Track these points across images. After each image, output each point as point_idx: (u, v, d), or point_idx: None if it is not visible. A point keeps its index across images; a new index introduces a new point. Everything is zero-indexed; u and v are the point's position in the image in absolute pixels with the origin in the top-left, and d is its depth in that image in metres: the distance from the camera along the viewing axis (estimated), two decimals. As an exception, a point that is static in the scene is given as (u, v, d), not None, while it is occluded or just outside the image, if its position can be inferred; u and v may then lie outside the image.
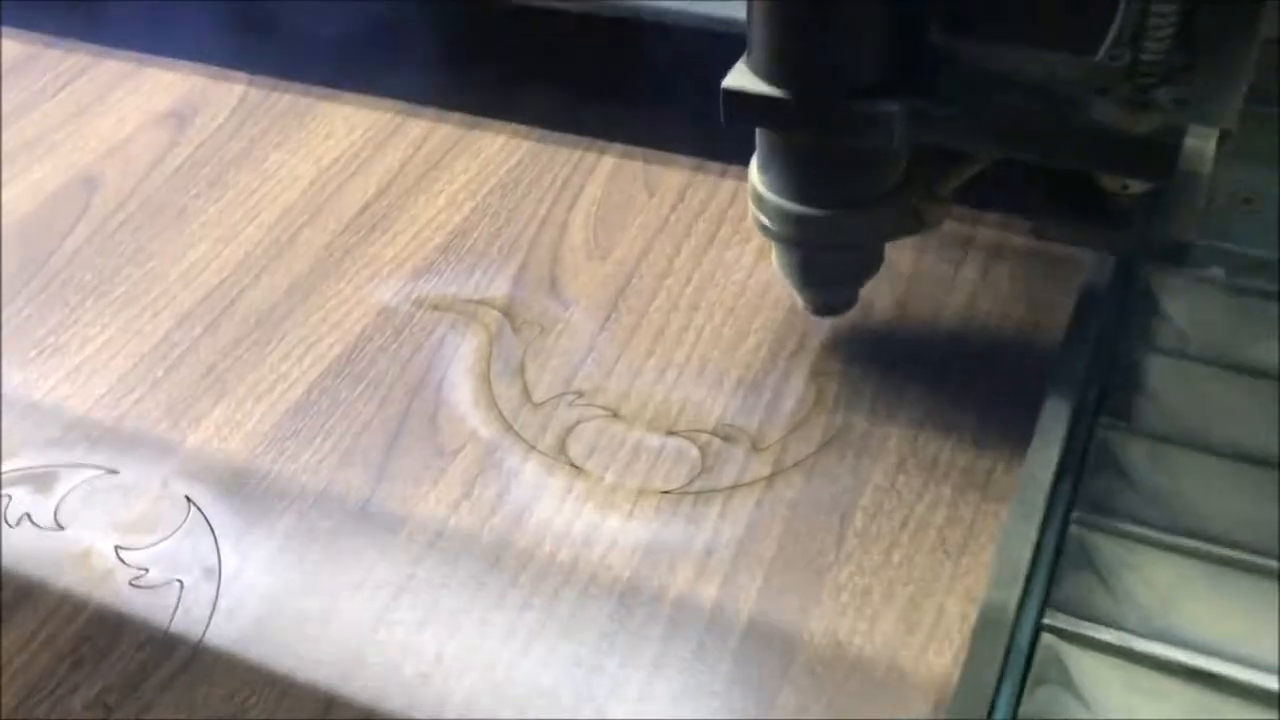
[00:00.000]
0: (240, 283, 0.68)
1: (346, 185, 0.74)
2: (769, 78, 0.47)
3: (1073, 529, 0.47)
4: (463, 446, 0.58)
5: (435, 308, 0.66)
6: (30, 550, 0.56)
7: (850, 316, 0.61)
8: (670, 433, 0.58)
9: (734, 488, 0.55)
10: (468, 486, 0.56)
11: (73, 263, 0.71)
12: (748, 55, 0.47)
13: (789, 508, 0.54)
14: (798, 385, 0.60)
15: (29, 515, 0.57)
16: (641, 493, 0.56)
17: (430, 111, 0.79)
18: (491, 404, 0.60)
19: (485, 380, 0.61)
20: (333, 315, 0.66)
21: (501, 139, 0.77)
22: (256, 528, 0.56)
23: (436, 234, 0.70)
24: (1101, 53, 0.42)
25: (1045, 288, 0.62)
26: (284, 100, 0.82)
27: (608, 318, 0.64)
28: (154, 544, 0.55)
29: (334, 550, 0.54)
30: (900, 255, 0.63)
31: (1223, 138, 0.47)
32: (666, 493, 0.55)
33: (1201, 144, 0.47)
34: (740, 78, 0.47)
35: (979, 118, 0.45)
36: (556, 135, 0.76)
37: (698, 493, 0.55)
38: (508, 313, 0.65)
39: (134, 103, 0.83)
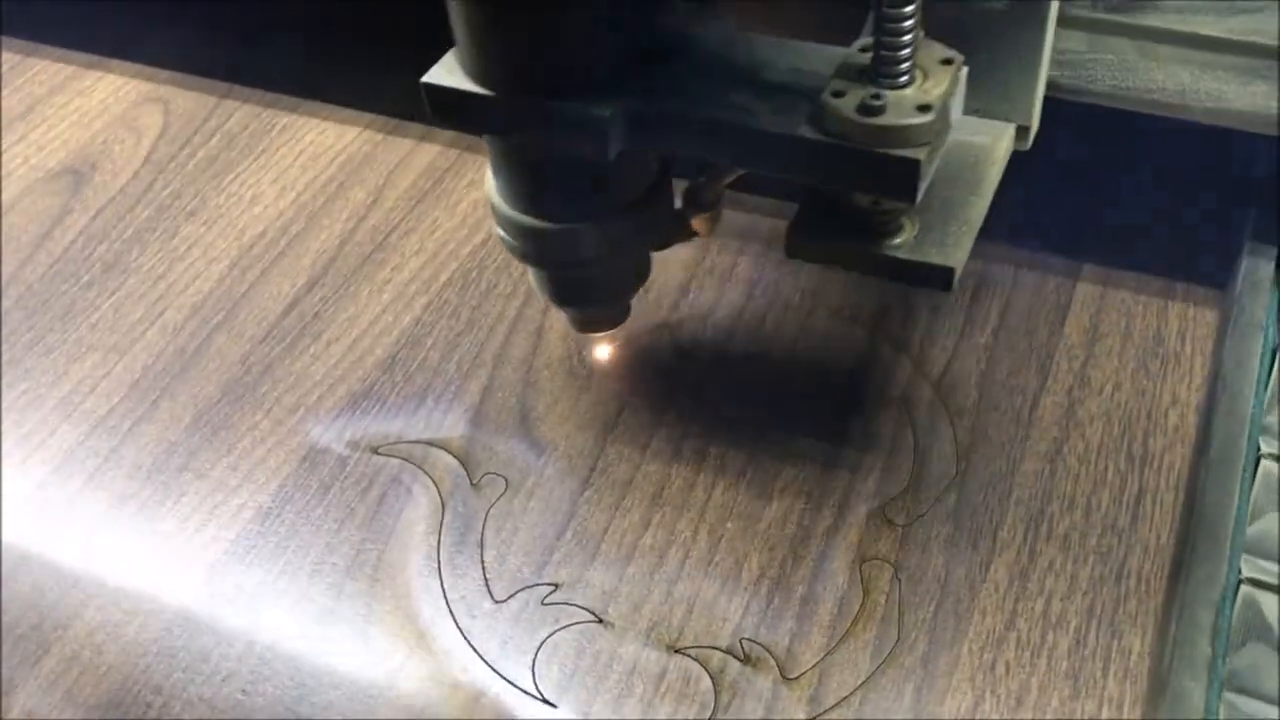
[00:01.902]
0: (134, 413, 0.54)
1: (273, 270, 0.60)
2: (473, 73, 0.39)
3: None
4: (400, 669, 0.45)
5: (374, 451, 0.52)
6: None
7: (911, 468, 0.47)
8: (673, 649, 0.44)
9: (757, 740, 0.42)
10: (407, 733, 0.43)
11: (-71, 381, 0.57)
12: (455, 47, 0.39)
13: (830, 773, 0.41)
14: (839, 576, 0.46)
15: None
16: (635, 745, 0.42)
17: (383, 157, 0.64)
18: (440, 602, 0.46)
19: (433, 563, 0.48)
20: (245, 461, 0.52)
21: (467, 201, 0.62)
22: (131, 790, 0.42)
23: (379, 342, 0.56)
24: (855, 45, 0.37)
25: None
26: (203, 150, 0.67)
27: (592, 469, 0.50)
28: (-3, 813, 0.42)
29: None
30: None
31: (1020, 134, 0.42)
32: (668, 746, 0.42)
33: (989, 142, 0.43)
34: (444, 71, 0.39)
35: (702, 124, 0.38)
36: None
37: (709, 747, 0.42)
38: (465, 459, 0.51)
39: (20, 155, 0.68)
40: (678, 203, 0.46)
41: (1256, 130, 0.45)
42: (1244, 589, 0.42)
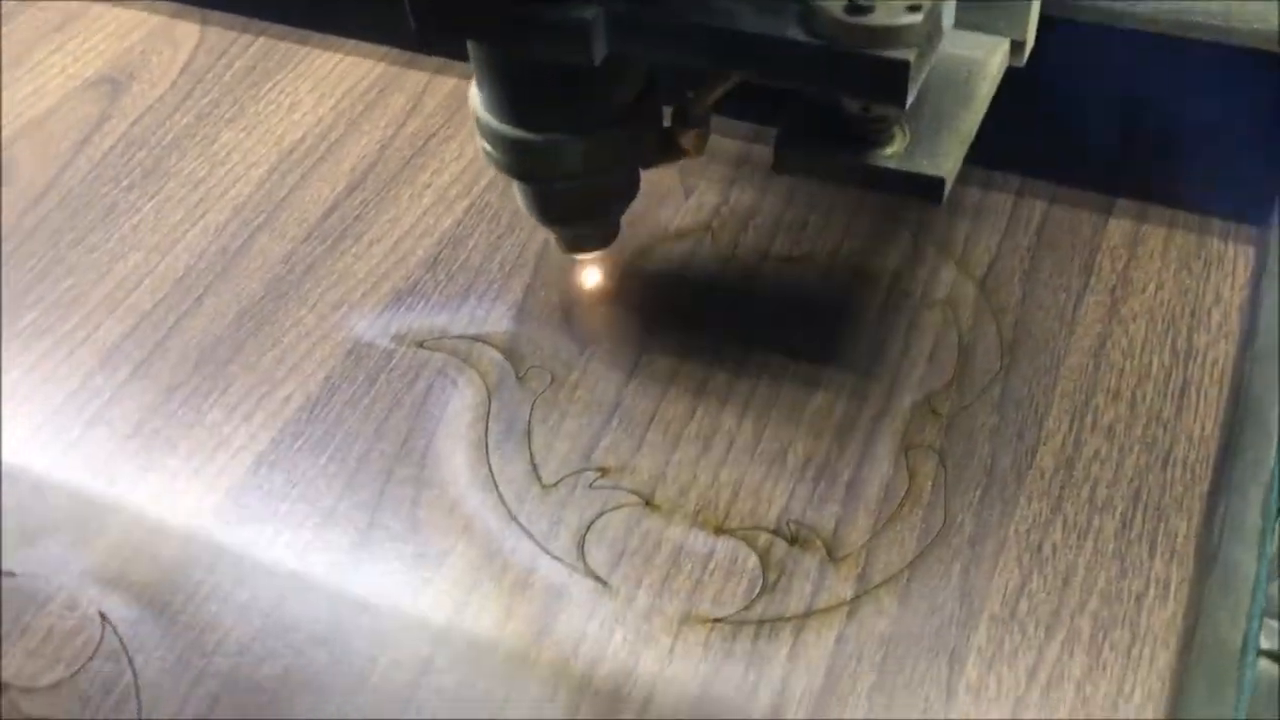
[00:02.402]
0: (178, 308, 0.55)
1: (312, 175, 0.60)
2: None
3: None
4: (451, 549, 0.45)
5: (419, 345, 0.52)
6: (-103, 688, 0.43)
7: (968, 362, 0.47)
8: (720, 530, 0.45)
9: (806, 615, 0.42)
10: (458, 606, 0.44)
11: (-26, 278, 0.57)
12: None
13: (880, 646, 0.41)
14: (884, 463, 0.46)
15: (-102, 636, 0.44)
16: (685, 619, 0.43)
17: (419, 70, 0.64)
18: (489, 486, 0.47)
19: (482, 450, 0.48)
20: (290, 355, 0.52)
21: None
22: (189, 660, 0.43)
23: (421, 243, 0.56)
24: None
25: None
26: (240, 61, 0.67)
27: (637, 362, 0.51)
28: (56, 681, 0.43)
29: (284, 691, 0.42)
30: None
31: (1015, 49, 0.42)
32: (718, 620, 0.42)
33: (982, 56, 0.42)
34: None
35: (688, 28, 0.37)
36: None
37: (759, 621, 0.42)
38: (510, 354, 0.51)
39: (58, 65, 0.68)
40: (666, 123, 0.45)
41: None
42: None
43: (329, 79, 0.65)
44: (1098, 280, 0.51)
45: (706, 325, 0.51)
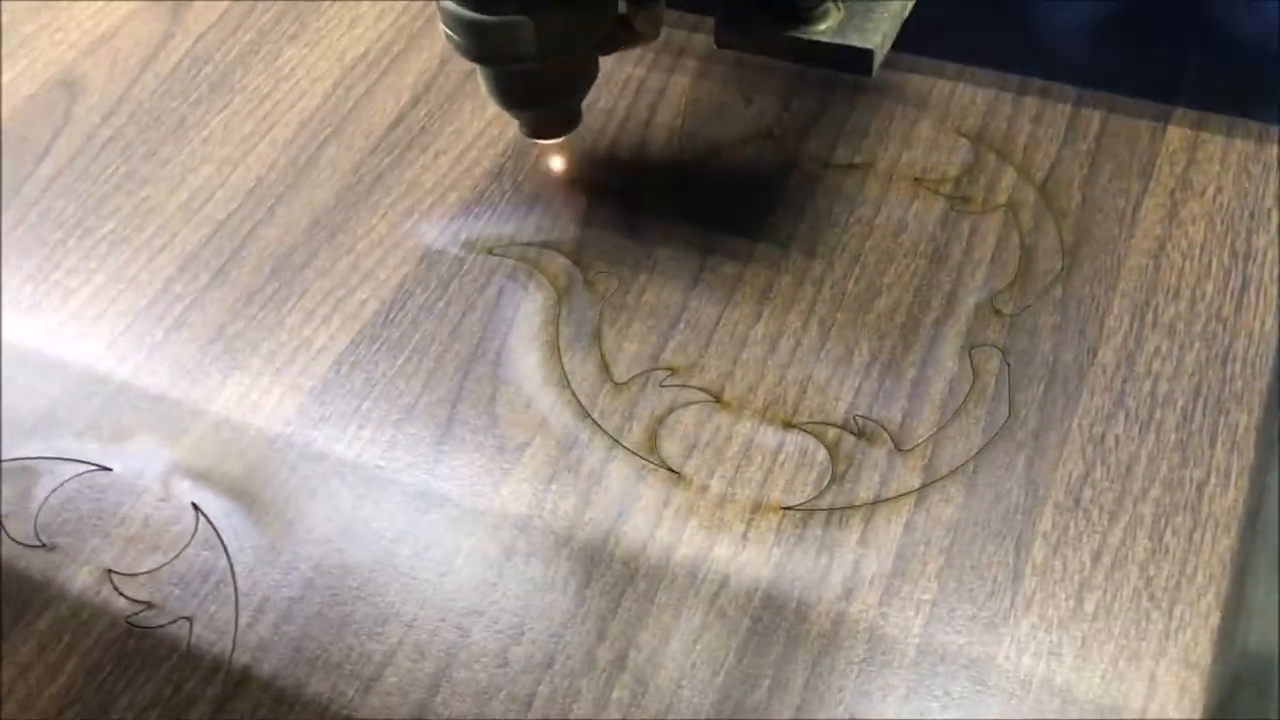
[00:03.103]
0: (252, 217, 0.56)
1: (376, 88, 0.61)
2: None
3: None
4: (529, 441, 0.47)
5: (489, 252, 0.53)
6: (6, 573, 0.45)
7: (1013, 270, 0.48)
8: (789, 425, 0.46)
9: (875, 503, 0.44)
10: (537, 496, 0.45)
11: (50, 190, 0.59)
12: None
13: (948, 532, 0.43)
14: (948, 361, 0.47)
15: (4, 526, 0.46)
16: (757, 507, 0.44)
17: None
18: (563, 383, 0.48)
19: (554, 351, 0.49)
20: (364, 261, 0.54)
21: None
22: (280, 546, 0.45)
23: (487, 153, 0.57)
24: None
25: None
26: (298, -22, 0.68)
27: (702, 267, 0.52)
28: (155, 568, 0.45)
29: (375, 577, 0.43)
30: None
31: None
32: (789, 509, 0.44)
33: None
34: None
35: None
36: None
37: (829, 509, 0.44)
38: (577, 259, 0.53)
39: (120, -17, 0.69)
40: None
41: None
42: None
43: (388, -5, 0.66)
44: (1157, 184, 0.52)
45: (768, 231, 0.52)
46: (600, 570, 0.43)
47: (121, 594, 0.44)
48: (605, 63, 0.51)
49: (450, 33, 0.46)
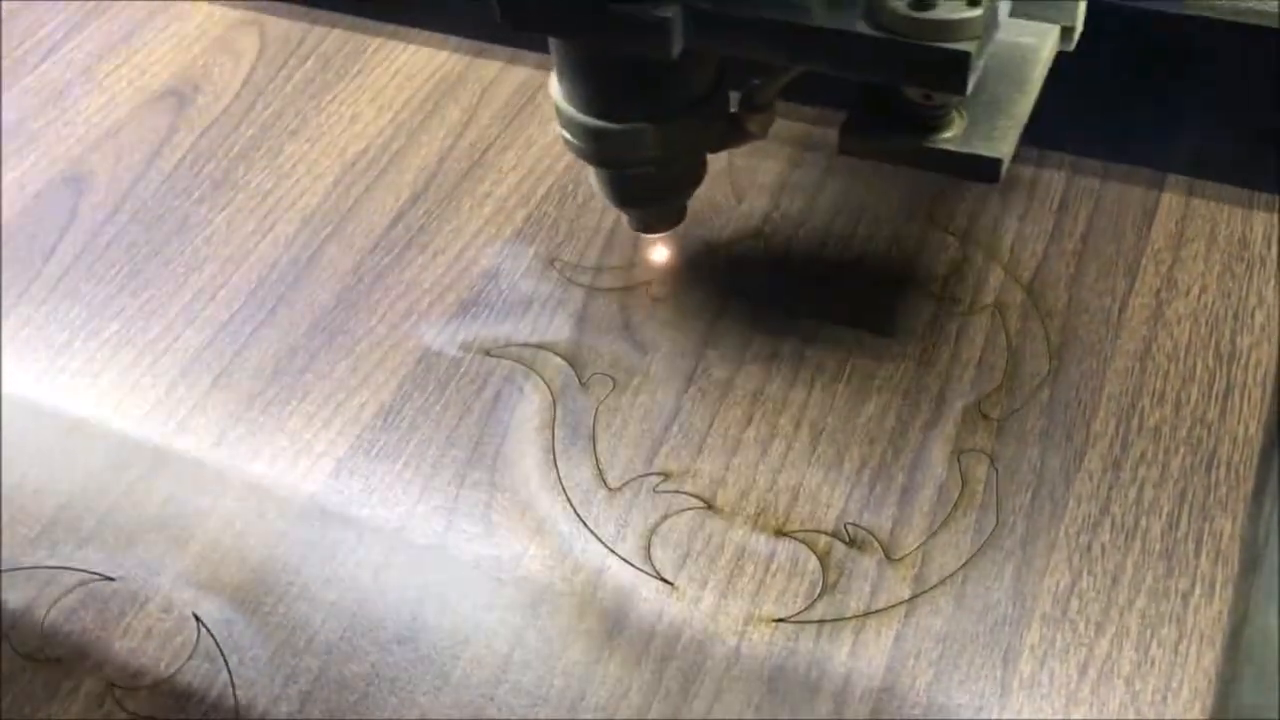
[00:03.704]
0: (254, 318, 0.57)
1: (376, 185, 0.63)
2: None
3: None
4: (524, 551, 0.48)
5: (486, 353, 0.54)
6: (8, 685, 0.46)
7: (992, 367, 0.49)
8: (781, 533, 0.47)
9: (865, 615, 0.44)
10: (531, 608, 0.46)
11: (57, 290, 0.60)
12: None
13: (937, 644, 0.43)
14: (937, 467, 0.48)
15: (8, 637, 0.47)
16: (750, 619, 0.45)
17: (473, 83, 0.66)
18: (558, 490, 0.49)
19: (549, 456, 0.50)
20: (363, 364, 0.55)
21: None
22: (281, 659, 0.45)
23: (483, 253, 0.58)
24: None
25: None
26: (299, 73, 0.69)
27: (695, 369, 0.53)
28: (157, 681, 0.46)
29: (372, 690, 0.44)
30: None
31: (1065, 34, 0.44)
32: (781, 621, 0.45)
33: (1034, 42, 0.44)
34: None
35: (761, 23, 0.40)
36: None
37: (820, 621, 0.44)
38: (573, 361, 0.53)
39: (126, 77, 0.71)
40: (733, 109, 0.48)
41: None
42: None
43: (386, 90, 0.67)
44: (1142, 284, 0.53)
45: (759, 333, 0.53)
46: (594, 685, 0.44)
47: (124, 708, 0.45)
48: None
49: (570, 137, 0.47)
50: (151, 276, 0.60)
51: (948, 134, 0.44)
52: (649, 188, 0.50)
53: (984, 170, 0.44)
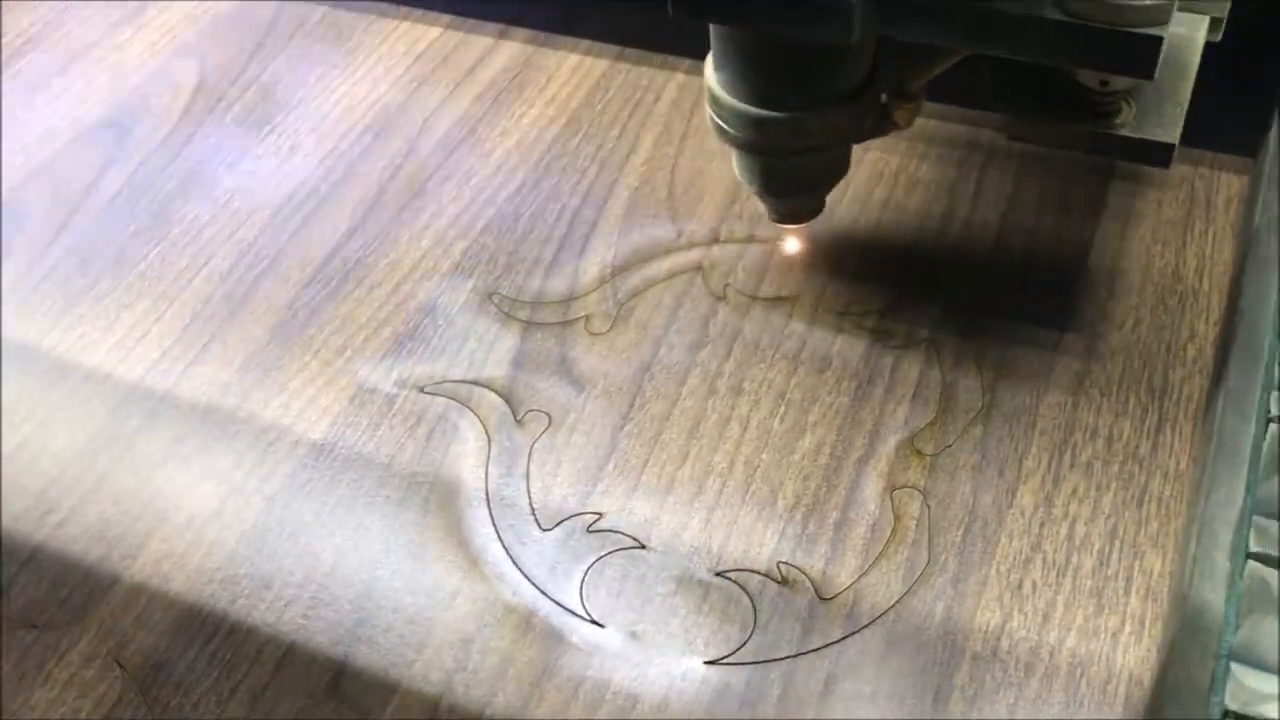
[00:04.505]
0: (185, 356, 0.56)
1: (314, 218, 0.62)
2: None
3: None
4: (457, 592, 0.47)
5: (420, 390, 0.54)
6: (-74, 738, 0.45)
7: (940, 402, 0.49)
8: (714, 573, 0.47)
9: (796, 656, 0.44)
10: (462, 651, 0.45)
11: (-13, 327, 0.59)
12: None
13: (868, 685, 0.43)
14: (870, 503, 0.48)
15: (-74, 687, 0.46)
16: (681, 662, 0.44)
17: (415, 111, 0.66)
18: (490, 529, 0.49)
19: (482, 494, 0.50)
20: (296, 401, 0.54)
21: (501, 149, 0.64)
22: (205, 706, 0.45)
23: (421, 286, 0.58)
24: None
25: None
26: (239, 103, 0.69)
27: (631, 405, 0.52)
28: (77, 730, 0.45)
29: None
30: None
31: (1214, 25, 0.45)
32: (712, 663, 0.44)
33: (1188, 32, 0.45)
34: None
35: (944, 9, 0.40)
36: (571, 145, 0.63)
37: (752, 663, 0.44)
38: (509, 397, 0.53)
39: (63, 108, 0.70)
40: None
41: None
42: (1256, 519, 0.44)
43: (326, 121, 0.67)
44: (1076, 318, 0.53)
45: (696, 368, 0.53)
46: (523, 729, 0.43)
47: (44, 759, 0.44)
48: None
49: (727, 126, 0.47)
50: (85, 312, 0.59)
51: (1119, 119, 0.45)
52: (798, 178, 0.50)
53: (1158, 155, 0.45)
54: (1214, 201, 0.57)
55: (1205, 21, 0.46)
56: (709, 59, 0.47)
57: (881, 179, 0.59)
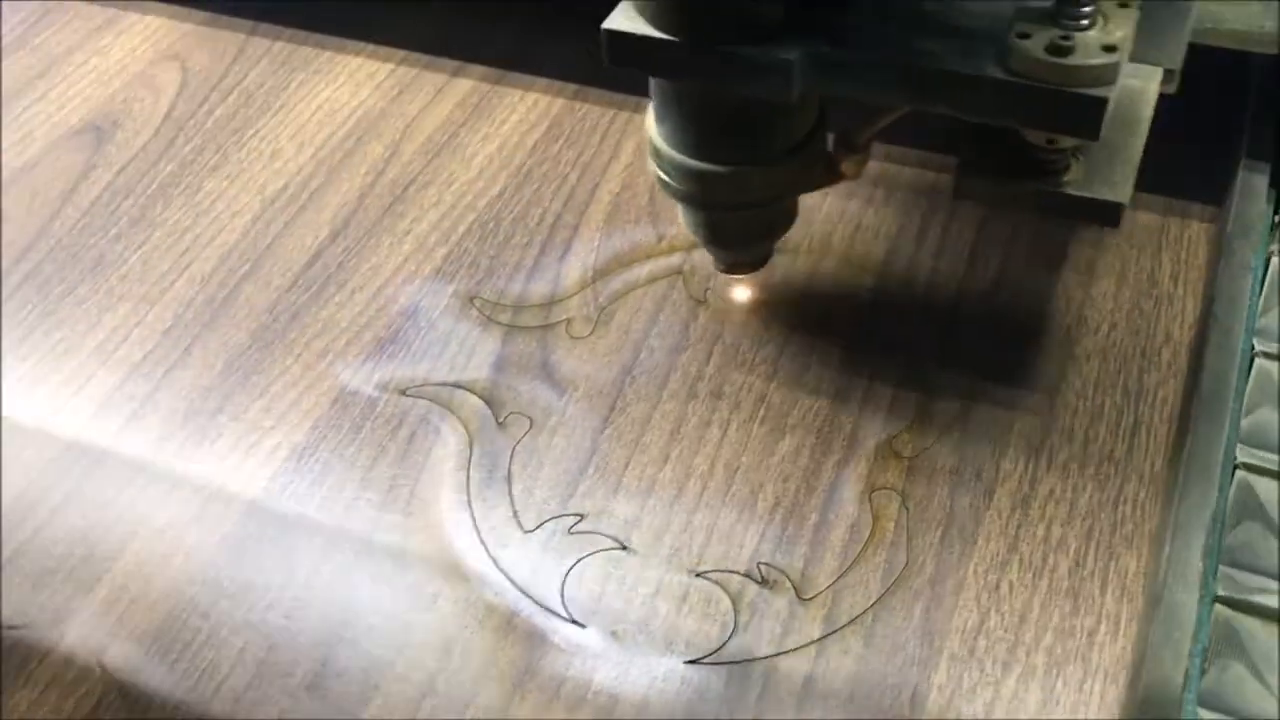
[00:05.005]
0: (167, 358, 0.56)
1: (295, 223, 0.62)
2: (655, 19, 0.41)
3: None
4: (438, 594, 0.47)
5: (402, 393, 0.54)
6: (-96, 741, 0.45)
7: (918, 396, 0.50)
8: (695, 573, 0.47)
9: (776, 655, 0.44)
10: (444, 653, 0.45)
11: (-34, 330, 0.59)
12: None
13: (846, 684, 0.43)
14: (849, 505, 0.48)
15: (-96, 690, 0.46)
16: (661, 662, 0.45)
17: (396, 118, 0.66)
18: (472, 532, 0.49)
19: (464, 496, 0.50)
20: (278, 404, 0.54)
21: (483, 155, 0.64)
22: (187, 706, 0.45)
23: (403, 290, 0.58)
24: None
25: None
26: (221, 108, 0.69)
27: (612, 408, 0.53)
28: (57, 732, 0.45)
29: (279, 745, 0.44)
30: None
31: (1168, 76, 0.44)
32: (692, 662, 0.44)
33: (1141, 85, 0.44)
34: (624, 18, 0.41)
35: (886, 67, 0.40)
36: (552, 151, 0.64)
37: (731, 662, 0.44)
38: (490, 400, 0.53)
39: (43, 113, 0.70)
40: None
41: (1252, 49, 0.47)
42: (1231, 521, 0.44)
43: (308, 126, 0.67)
44: (1053, 322, 0.54)
45: (676, 372, 0.53)
46: (504, 730, 0.43)
47: (23, 762, 0.44)
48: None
49: (669, 180, 0.47)
50: (65, 317, 0.59)
51: (1067, 178, 0.44)
52: (744, 229, 0.50)
53: (1106, 214, 0.44)
54: (1189, 209, 0.57)
55: (1159, 74, 0.44)
56: (649, 111, 0.47)
57: (855, 188, 0.60)
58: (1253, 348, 0.48)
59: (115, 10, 0.75)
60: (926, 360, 0.53)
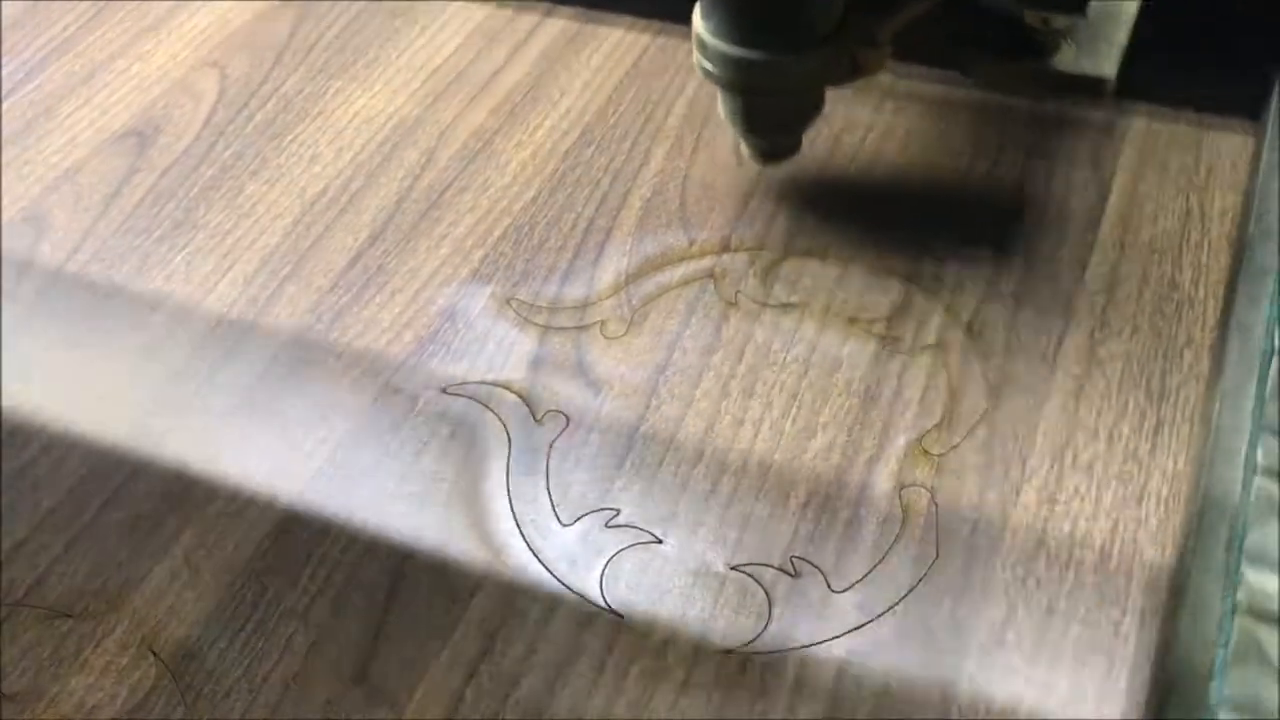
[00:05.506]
0: (209, 358, 0.58)
1: (335, 226, 0.64)
2: None
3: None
4: (479, 586, 0.48)
5: (442, 391, 0.55)
6: (-35, 724, 0.46)
7: (943, 405, 0.51)
8: (729, 566, 0.48)
9: (809, 646, 0.46)
10: (485, 644, 0.47)
11: (17, 330, 0.60)
12: None
13: (880, 676, 0.45)
14: (880, 502, 0.50)
15: (-37, 675, 0.47)
16: (698, 652, 0.46)
17: (430, 124, 0.68)
18: (512, 526, 0.50)
19: (503, 490, 0.51)
20: (321, 402, 0.55)
21: (516, 161, 0.66)
22: (237, 695, 0.46)
23: (441, 292, 0.60)
24: None
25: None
26: (260, 114, 0.70)
27: (647, 406, 0.54)
28: (115, 717, 0.46)
29: (328, 730, 0.45)
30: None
31: None
32: (728, 652, 0.46)
33: None
34: None
35: None
36: (585, 157, 0.65)
37: (766, 653, 0.46)
38: (528, 399, 0.55)
39: (86, 118, 0.71)
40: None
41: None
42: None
43: (346, 132, 0.69)
44: (1076, 325, 0.55)
45: (709, 371, 0.55)
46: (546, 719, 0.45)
47: (82, 745, 0.45)
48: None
49: (712, 67, 0.54)
50: (111, 315, 0.60)
51: (1059, 57, 0.50)
52: (777, 117, 0.56)
53: (1094, 88, 0.50)
54: (1209, 214, 0.59)
55: None
56: (697, 9, 0.53)
57: (886, 207, 0.61)
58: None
59: (155, 18, 0.77)
60: (953, 362, 0.54)
